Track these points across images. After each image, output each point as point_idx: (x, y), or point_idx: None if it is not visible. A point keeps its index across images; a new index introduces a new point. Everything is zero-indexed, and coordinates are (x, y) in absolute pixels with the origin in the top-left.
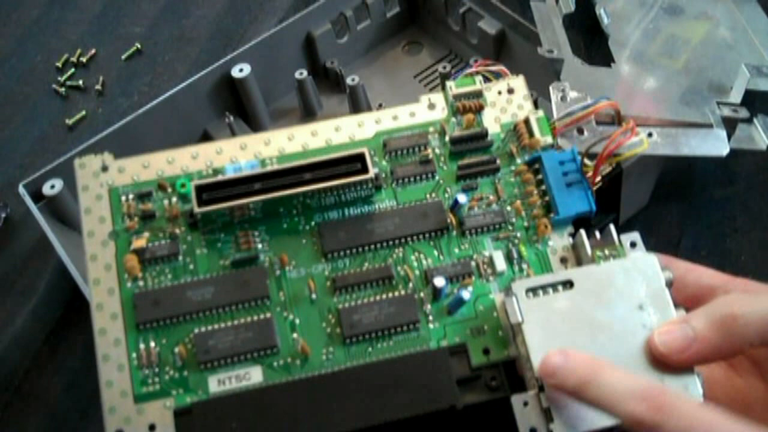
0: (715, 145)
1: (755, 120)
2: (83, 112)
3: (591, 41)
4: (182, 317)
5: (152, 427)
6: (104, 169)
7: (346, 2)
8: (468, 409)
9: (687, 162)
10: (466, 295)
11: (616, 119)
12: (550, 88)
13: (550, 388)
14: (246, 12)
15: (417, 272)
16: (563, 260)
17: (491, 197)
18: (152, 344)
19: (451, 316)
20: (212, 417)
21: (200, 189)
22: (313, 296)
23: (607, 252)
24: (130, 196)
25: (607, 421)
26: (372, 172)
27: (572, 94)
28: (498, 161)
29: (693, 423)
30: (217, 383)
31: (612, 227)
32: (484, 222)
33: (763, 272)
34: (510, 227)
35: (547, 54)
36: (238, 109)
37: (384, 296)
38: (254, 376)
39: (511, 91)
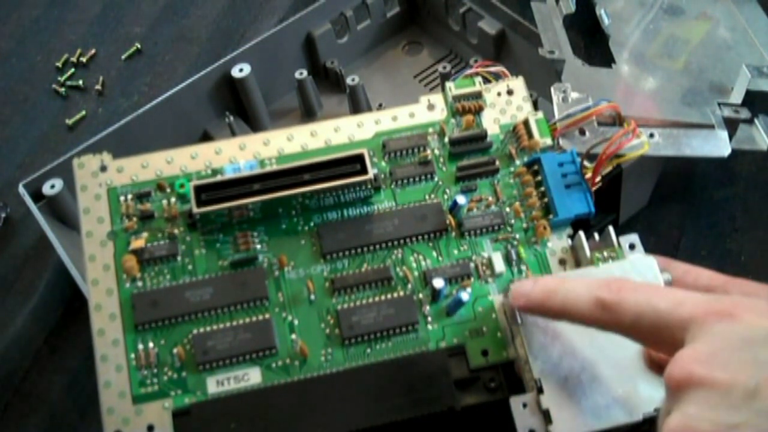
0: (717, 145)
1: (756, 120)
2: (83, 112)
3: (591, 42)
4: (181, 318)
5: (151, 428)
6: (103, 168)
7: (346, 2)
8: (466, 410)
9: (687, 162)
10: (465, 296)
11: (618, 120)
12: (552, 89)
13: (520, 314)
14: (246, 12)
15: (416, 273)
16: (562, 262)
17: (490, 199)
18: (151, 345)
19: (449, 317)
20: (211, 418)
21: (199, 189)
22: (312, 297)
23: (605, 254)
24: (129, 196)
25: (606, 423)
26: (371, 173)
27: (573, 95)
28: (497, 162)
29: (649, 294)
30: (216, 384)
31: (611, 229)
32: (483, 223)
33: (763, 272)
34: (509, 229)
35: (548, 55)
36: (238, 109)
37: (383, 297)
38: (253, 377)
39: (510, 92)
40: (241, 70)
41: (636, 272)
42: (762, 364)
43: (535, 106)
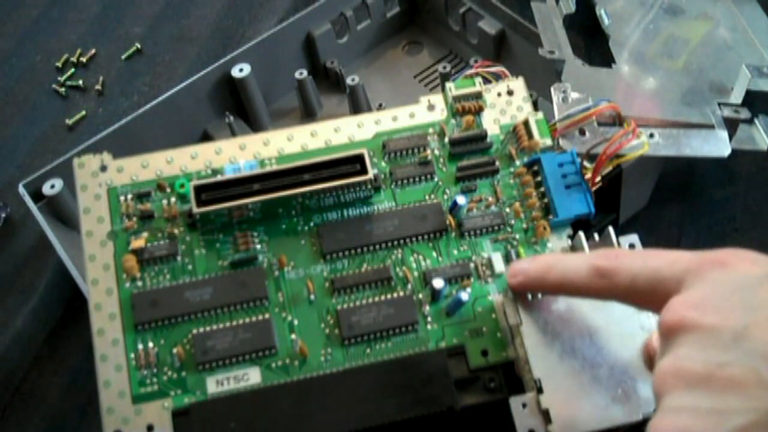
0: (717, 145)
1: (756, 120)
2: (83, 112)
3: (591, 42)
4: (181, 318)
5: (150, 428)
6: (103, 168)
7: (346, 2)
8: (466, 410)
9: (687, 162)
10: (464, 296)
11: (618, 120)
12: (552, 89)
13: (517, 289)
14: (246, 12)
15: (416, 273)
16: None
17: (490, 199)
18: (150, 345)
19: (449, 317)
20: (210, 418)
21: (199, 189)
22: (312, 297)
23: None
24: (129, 196)
25: (605, 423)
26: (371, 173)
27: (573, 95)
28: (497, 163)
29: (644, 256)
30: (216, 384)
31: (611, 229)
32: (483, 224)
33: None
34: (509, 229)
35: (548, 55)
36: (238, 109)
37: (383, 297)
38: (252, 376)
39: (510, 92)
40: (241, 70)
41: None
42: (751, 308)
43: (535, 106)
